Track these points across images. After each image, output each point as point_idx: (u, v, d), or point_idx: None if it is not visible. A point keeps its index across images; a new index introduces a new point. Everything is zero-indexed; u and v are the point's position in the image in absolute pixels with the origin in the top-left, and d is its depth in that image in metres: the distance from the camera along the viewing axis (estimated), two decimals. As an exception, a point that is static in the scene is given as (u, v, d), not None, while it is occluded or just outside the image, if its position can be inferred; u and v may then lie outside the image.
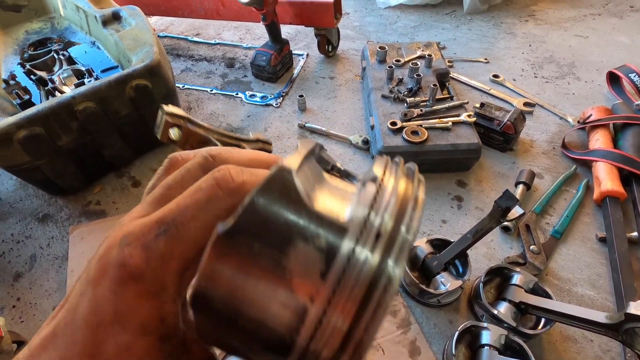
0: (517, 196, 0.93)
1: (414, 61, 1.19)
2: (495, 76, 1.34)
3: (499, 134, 1.04)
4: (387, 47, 1.26)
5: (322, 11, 1.31)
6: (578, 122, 1.13)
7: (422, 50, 1.27)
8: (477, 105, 1.07)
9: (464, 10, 1.72)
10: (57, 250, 0.93)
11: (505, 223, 0.86)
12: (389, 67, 1.16)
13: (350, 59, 1.50)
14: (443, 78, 1.18)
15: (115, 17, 1.16)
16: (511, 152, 1.08)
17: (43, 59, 1.12)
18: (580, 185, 0.96)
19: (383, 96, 1.10)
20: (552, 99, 1.24)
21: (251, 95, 1.33)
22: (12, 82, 0.99)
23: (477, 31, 1.61)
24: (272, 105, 1.29)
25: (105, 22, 1.15)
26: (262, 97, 1.32)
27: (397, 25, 1.70)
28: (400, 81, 1.15)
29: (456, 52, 1.49)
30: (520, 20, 1.66)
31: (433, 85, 1.04)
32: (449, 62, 1.43)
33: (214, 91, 1.37)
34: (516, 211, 0.65)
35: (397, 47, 1.31)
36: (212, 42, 1.64)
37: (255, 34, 1.68)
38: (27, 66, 1.09)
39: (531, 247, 0.83)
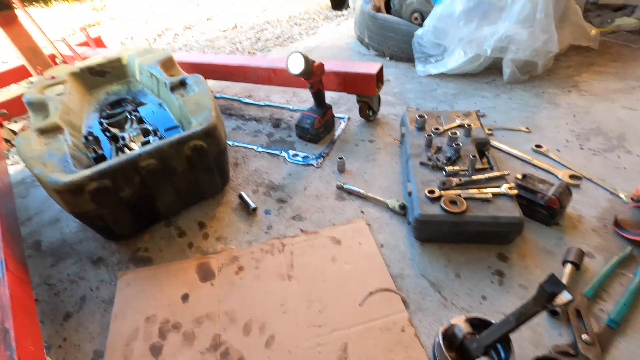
0: (565, 276, 0.87)
1: (453, 130, 1.22)
2: (538, 146, 1.32)
3: (543, 208, 1.01)
4: (426, 116, 1.31)
5: (365, 81, 1.41)
6: (632, 199, 1.07)
7: (461, 119, 1.31)
8: (519, 176, 1.06)
9: (504, 80, 1.76)
10: (104, 294, 0.99)
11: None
12: (427, 135, 1.20)
13: (390, 124, 1.56)
14: (482, 147, 1.19)
15: (182, 84, 1.32)
16: (557, 226, 1.03)
17: (117, 118, 1.29)
18: (638, 270, 0.89)
19: (421, 163, 1.13)
20: (601, 173, 1.20)
21: (294, 155, 1.42)
22: (90, 138, 1.14)
23: (517, 100, 1.63)
24: (312, 165, 1.36)
25: (173, 88, 1.31)
26: (303, 157, 1.40)
27: (437, 92, 1.77)
28: (439, 149, 1.18)
29: (496, 120, 1.51)
30: (563, 90, 1.66)
31: (472, 156, 1.06)
32: (488, 130, 1.44)
33: (260, 149, 1.47)
34: (564, 297, 0.62)
35: (436, 115, 1.35)
36: (262, 103, 1.80)
37: (301, 97, 1.82)
38: (105, 124, 1.25)
39: (583, 337, 0.76)
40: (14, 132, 1.96)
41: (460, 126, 1.28)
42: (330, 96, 1.71)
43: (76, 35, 3.29)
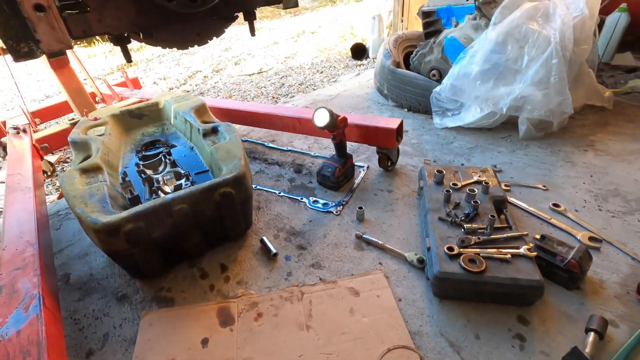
0: (588, 346, 0.86)
1: (471, 187, 1.26)
2: (556, 205, 1.34)
3: (563, 271, 1.01)
4: (444, 171, 1.35)
5: (385, 135, 1.48)
6: (653, 265, 1.07)
7: (479, 176, 1.35)
8: (538, 236, 1.07)
9: (520, 136, 1.81)
10: (127, 332, 1.02)
11: (576, 377, 0.79)
12: (446, 190, 1.24)
13: (408, 174, 1.61)
14: (500, 205, 1.22)
15: (214, 131, 1.42)
16: (578, 290, 1.03)
17: (152, 160, 1.37)
18: (663, 342, 0.87)
19: (440, 219, 1.16)
20: (622, 236, 1.20)
21: (314, 201, 1.47)
22: (127, 179, 1.22)
23: (534, 157, 1.67)
24: (332, 212, 1.40)
25: (205, 134, 1.41)
26: (324, 204, 1.44)
27: (454, 145, 1.83)
28: (457, 205, 1.21)
29: (513, 176, 1.55)
30: (579, 149, 1.70)
31: (491, 216, 1.08)
32: (505, 186, 1.47)
33: (282, 194, 1.53)
34: (587, 372, 0.62)
35: (454, 170, 1.40)
36: (285, 148, 1.88)
37: (322, 144, 1.90)
38: (141, 165, 1.34)
39: (609, 413, 0.74)
40: (52, 164, 2.08)
41: (478, 182, 1.32)
42: (350, 144, 1.79)
43: (115, 74, 3.55)
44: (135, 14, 0.46)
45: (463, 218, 1.15)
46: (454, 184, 1.30)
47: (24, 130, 1.91)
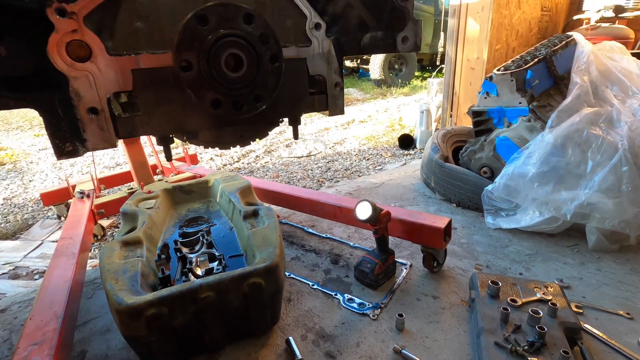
0: None
1: (534, 308, 1.08)
2: (647, 342, 1.09)
3: None
4: (500, 282, 1.19)
5: (431, 234, 1.38)
6: None
7: (543, 293, 1.16)
8: (629, 387, 0.84)
9: (590, 246, 1.60)
10: None
11: None
12: (503, 308, 1.07)
13: (456, 279, 1.45)
14: (573, 334, 1.01)
15: (254, 214, 1.42)
16: None
17: (191, 238, 1.38)
18: None
19: (497, 344, 0.98)
20: None
21: (349, 299, 1.34)
22: (162, 256, 1.21)
23: (609, 274, 1.44)
24: (368, 315, 1.26)
25: (246, 217, 1.41)
26: (359, 305, 1.31)
27: (509, 249, 1.65)
28: (518, 328, 1.02)
29: (585, 295, 1.32)
30: (667, 270, 1.44)
31: (564, 352, 0.89)
32: (576, 306, 1.25)
33: (315, 286, 1.42)
34: None
35: (511, 281, 1.23)
36: (324, 235, 1.82)
37: (363, 234, 1.82)
38: (179, 243, 1.34)
39: None
40: (103, 229, 2.20)
41: (542, 301, 1.13)
42: (393, 237, 1.69)
43: (178, 148, 3.91)
44: (182, 119, 0.47)
45: (526, 347, 0.95)
46: (513, 300, 1.13)
47: (88, 195, 2.08)
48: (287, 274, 1.51)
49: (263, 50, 0.47)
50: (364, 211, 1.31)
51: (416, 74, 8.78)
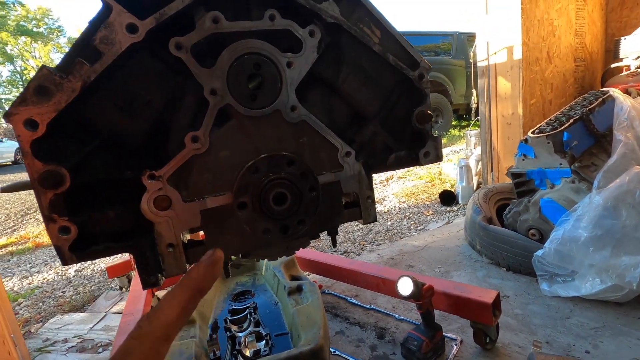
0: None
1: (603, 399, 0.98)
2: None
3: None
4: (561, 367, 1.10)
5: (479, 309, 1.33)
6: None
7: (614, 380, 1.05)
8: None
9: (667, 318, 1.44)
10: None
11: None
12: (567, 399, 0.98)
13: (513, 357, 1.35)
14: None
15: (298, 289, 1.46)
16: None
17: (239, 316, 1.45)
18: None
19: None
20: None
21: (398, 382, 1.29)
22: (214, 336, 1.28)
23: (696, 353, 1.27)
24: (419, 401, 1.20)
25: (290, 292, 1.46)
26: (409, 388, 1.26)
27: (571, 322, 1.52)
28: None
29: (669, 381, 1.17)
30: None
31: None
32: (660, 396, 1.11)
33: (361, 366, 1.40)
34: None
35: (575, 365, 1.13)
36: (367, 306, 1.81)
37: (408, 305, 1.78)
38: (228, 321, 1.41)
39: None
40: (159, 300, 2.34)
41: (614, 391, 1.02)
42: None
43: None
44: (239, 244, 0.57)
45: None
46: (578, 389, 1.03)
47: (147, 269, 2.26)
48: (332, 350, 1.50)
49: (303, 184, 0.57)
50: (405, 287, 1.31)
51: (453, 123, 8.82)
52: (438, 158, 0.68)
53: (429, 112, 0.65)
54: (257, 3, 0.56)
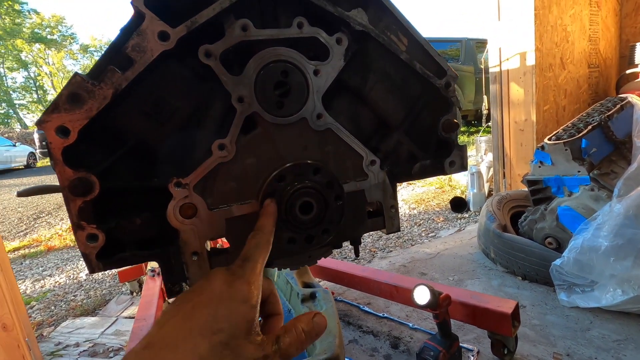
0: None
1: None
2: None
3: None
4: (585, 381, 1.07)
5: (497, 320, 1.30)
6: None
7: (641, 396, 1.02)
8: None
9: (693, 332, 1.39)
10: None
11: None
12: (593, 416, 0.95)
13: (533, 370, 1.32)
14: None
15: (312, 297, 1.45)
16: None
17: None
18: None
19: None
20: None
21: (413, 393, 1.26)
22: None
23: None
24: (436, 414, 1.17)
25: (303, 300, 1.44)
26: (425, 400, 1.23)
27: (592, 334, 1.48)
28: None
29: (698, 398, 1.12)
30: None
31: None
32: (689, 414, 1.06)
33: (376, 376, 1.37)
34: None
35: (599, 379, 1.09)
36: (381, 314, 1.78)
37: (422, 314, 1.75)
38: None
39: None
40: (169, 305, 2.34)
41: (642, 408, 0.98)
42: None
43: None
44: (262, 254, 0.56)
45: None
46: (604, 405, 1.00)
47: (159, 274, 2.26)
48: (346, 359, 1.48)
49: (329, 193, 0.56)
50: (422, 296, 1.29)
51: (462, 129, 8.76)
52: (463, 167, 0.66)
53: (455, 121, 0.64)
54: (285, 11, 0.55)
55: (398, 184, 0.67)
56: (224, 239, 0.56)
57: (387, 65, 0.60)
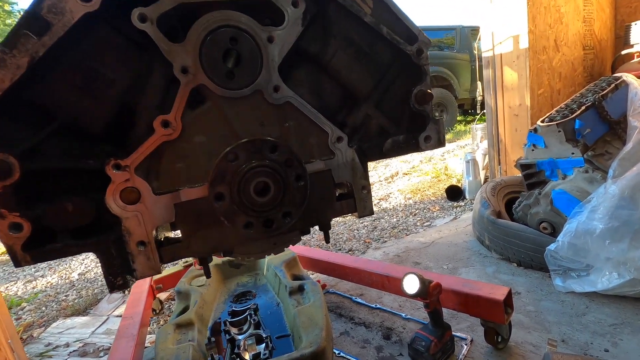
0: None
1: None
2: None
3: None
4: (580, 367, 1.03)
5: (490, 307, 1.26)
6: None
7: (638, 381, 0.98)
8: None
9: (691, 314, 1.35)
10: None
11: None
12: (588, 403, 0.91)
13: (527, 357, 1.28)
14: None
15: (300, 289, 1.41)
16: None
17: (239, 318, 1.39)
18: None
19: None
20: None
21: (405, 385, 1.23)
22: (212, 340, 1.23)
23: None
24: (427, 405, 1.14)
25: (291, 293, 1.40)
26: (416, 391, 1.19)
27: (587, 318, 1.44)
28: None
29: (697, 381, 1.09)
30: None
31: None
32: (687, 397, 1.03)
33: (367, 368, 1.34)
34: None
35: (594, 365, 1.06)
36: (373, 305, 1.74)
37: (415, 304, 1.71)
38: (227, 323, 1.36)
39: None
40: (161, 302, 2.30)
41: (638, 393, 0.95)
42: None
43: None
44: (218, 241, 0.51)
45: None
46: (599, 392, 0.96)
47: (148, 271, 2.22)
48: (336, 351, 1.44)
49: (288, 172, 0.51)
50: (411, 285, 1.25)
51: (458, 118, 8.69)
52: (440, 143, 0.61)
53: (429, 91, 0.59)
54: None
55: (371, 162, 0.62)
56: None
57: (351, 29, 0.54)
